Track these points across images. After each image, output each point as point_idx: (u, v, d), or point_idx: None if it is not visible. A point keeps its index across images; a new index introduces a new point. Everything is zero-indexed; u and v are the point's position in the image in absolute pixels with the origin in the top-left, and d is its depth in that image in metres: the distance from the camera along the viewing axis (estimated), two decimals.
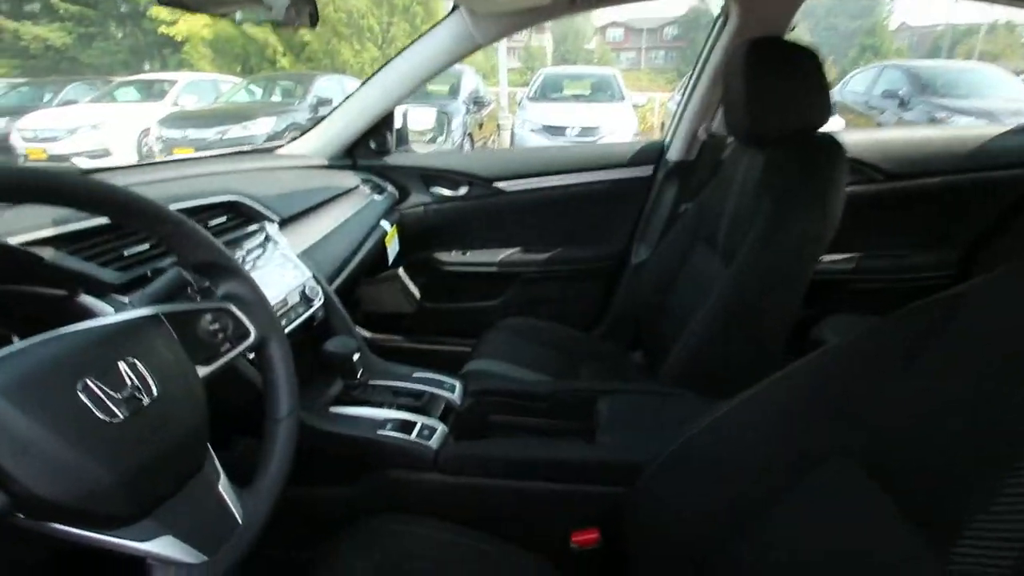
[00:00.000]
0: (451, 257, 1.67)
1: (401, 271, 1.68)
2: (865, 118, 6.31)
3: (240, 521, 0.50)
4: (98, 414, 0.41)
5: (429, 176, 1.60)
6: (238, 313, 0.59)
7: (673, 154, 1.53)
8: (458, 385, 1.01)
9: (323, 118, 1.50)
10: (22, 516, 0.38)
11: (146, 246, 0.75)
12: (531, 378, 1.16)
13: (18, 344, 0.41)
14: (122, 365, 0.44)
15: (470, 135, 6.21)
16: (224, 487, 0.51)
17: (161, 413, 0.46)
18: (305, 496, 0.92)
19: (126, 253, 0.74)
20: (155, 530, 0.44)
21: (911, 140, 1.59)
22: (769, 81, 0.97)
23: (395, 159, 1.58)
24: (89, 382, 0.42)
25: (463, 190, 1.60)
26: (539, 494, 0.82)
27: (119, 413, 0.42)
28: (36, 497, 0.37)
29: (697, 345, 1.03)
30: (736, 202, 1.11)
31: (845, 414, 0.52)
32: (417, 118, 1.65)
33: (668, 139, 1.57)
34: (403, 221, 1.58)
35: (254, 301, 0.61)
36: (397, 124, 1.60)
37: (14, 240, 0.61)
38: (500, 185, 1.58)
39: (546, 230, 1.63)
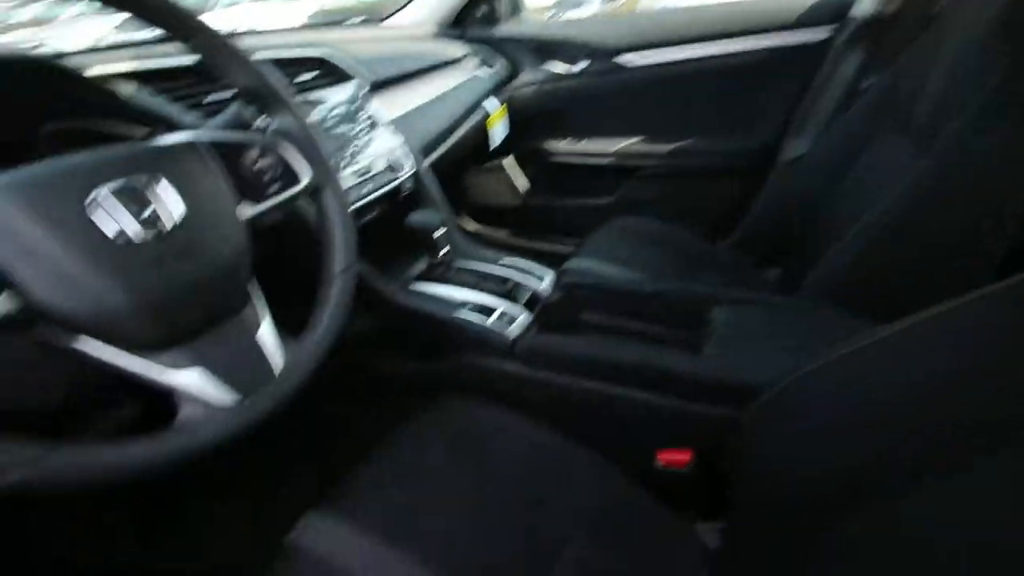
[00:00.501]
0: (563, 146, 1.50)
1: (508, 161, 1.56)
2: None
3: (279, 370, 0.46)
4: (108, 229, 0.37)
5: (544, 49, 1.40)
6: (287, 152, 0.52)
7: (863, 8, 1.14)
8: (549, 276, 0.91)
9: None
10: (50, 325, 0.36)
11: (228, 94, 0.72)
12: (628, 274, 1.01)
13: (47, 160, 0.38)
14: (145, 183, 0.40)
15: None
16: (266, 334, 0.47)
17: (187, 242, 0.41)
18: (383, 367, 0.92)
19: (206, 101, 0.71)
20: (185, 361, 0.41)
21: None
22: None
23: (507, 29, 1.40)
24: (103, 194, 0.37)
25: (581, 65, 1.39)
26: (626, 402, 0.71)
27: (135, 234, 0.38)
28: (49, 306, 0.35)
29: (861, 253, 0.79)
30: (949, 67, 0.78)
31: None
32: None
33: None
34: (512, 102, 1.43)
35: (305, 140, 0.54)
36: None
37: (91, 73, 0.59)
38: (625, 59, 1.34)
39: (676, 115, 1.37)
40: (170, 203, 0.41)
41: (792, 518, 0.47)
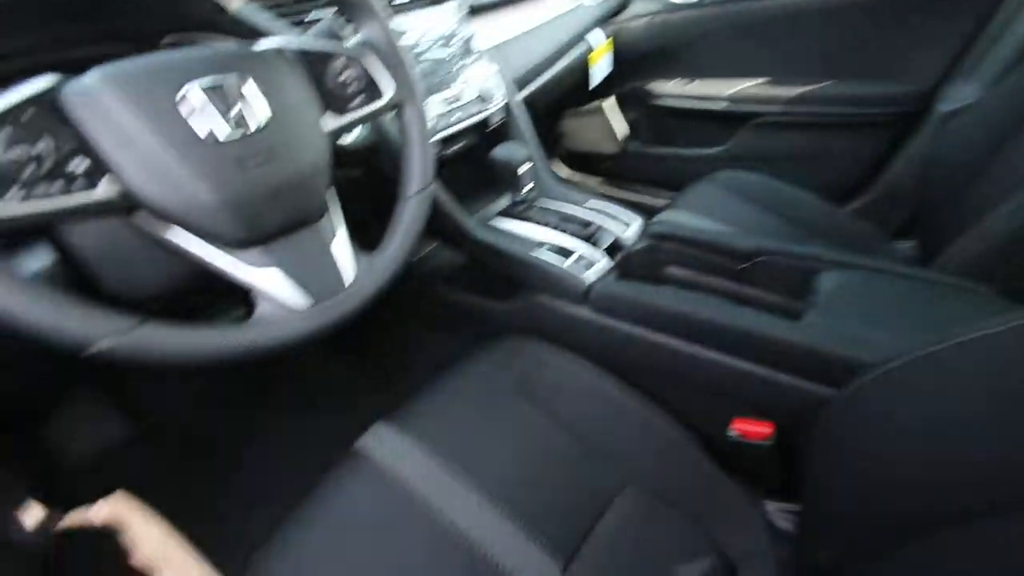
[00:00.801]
0: (670, 87, 1.37)
1: (608, 103, 1.46)
2: None
3: (349, 282, 0.47)
4: (197, 127, 0.39)
5: None
6: (371, 65, 0.51)
7: None
8: (637, 223, 0.85)
9: None
10: (145, 213, 0.39)
11: (330, 12, 0.72)
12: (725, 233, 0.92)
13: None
14: (233, 81, 0.40)
15: None
16: (340, 246, 0.48)
17: (270, 145, 0.42)
18: (458, 300, 0.93)
19: (308, 19, 0.72)
20: (263, 260, 0.43)
21: None
22: None
23: None
24: (193, 90, 0.39)
25: None
26: (705, 363, 0.66)
27: (221, 132, 0.40)
28: (143, 196, 0.37)
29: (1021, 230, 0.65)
30: None
31: None
32: None
33: None
34: (619, 36, 1.32)
35: (391, 55, 0.52)
36: None
37: None
38: None
39: (809, 53, 1.18)
40: (256, 105, 0.42)
41: (875, 521, 0.41)
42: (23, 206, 0.33)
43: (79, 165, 0.35)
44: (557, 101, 1.38)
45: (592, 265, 0.75)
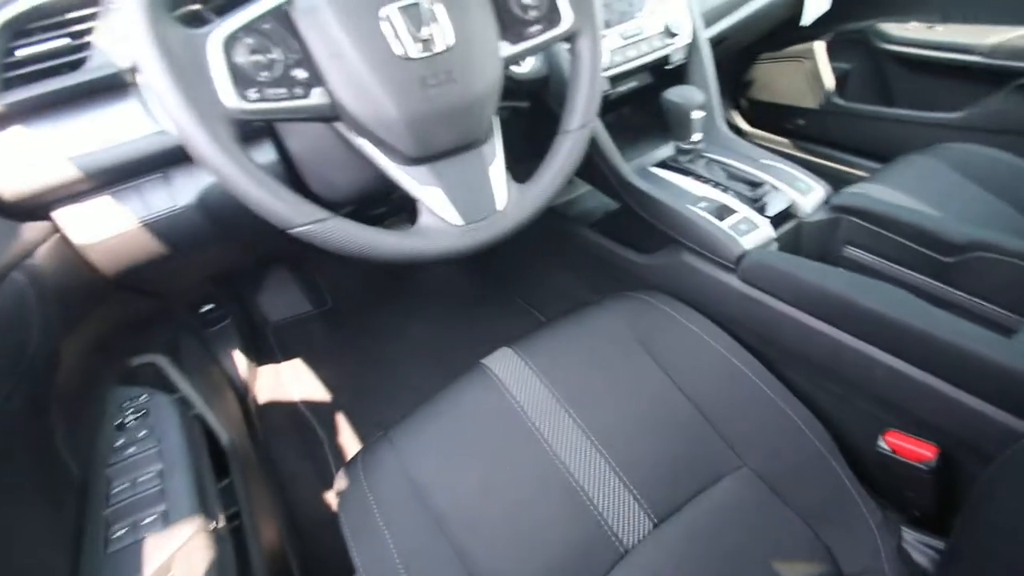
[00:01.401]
0: (907, 31, 1.12)
1: (817, 45, 1.25)
2: None
3: (500, 208, 0.50)
4: (392, 44, 0.42)
5: None
6: None
7: None
8: (819, 189, 0.74)
9: None
10: (344, 125, 0.44)
11: None
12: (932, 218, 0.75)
13: None
14: (424, 4, 0.43)
15: None
16: (497, 171, 0.50)
17: (451, 67, 0.45)
18: (602, 247, 0.92)
19: None
20: (429, 179, 0.47)
21: None
22: None
23: None
24: (392, 11, 0.42)
25: None
26: (869, 363, 0.57)
27: (412, 52, 0.43)
28: (345, 106, 0.43)
29: None
30: None
31: None
32: None
33: None
34: None
35: None
36: None
37: None
38: None
39: None
40: (444, 28, 0.44)
41: None
42: (259, 104, 0.40)
43: (300, 74, 0.41)
44: (753, 43, 1.22)
45: (752, 230, 0.68)
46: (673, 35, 0.80)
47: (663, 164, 0.82)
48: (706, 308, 0.70)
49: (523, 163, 0.60)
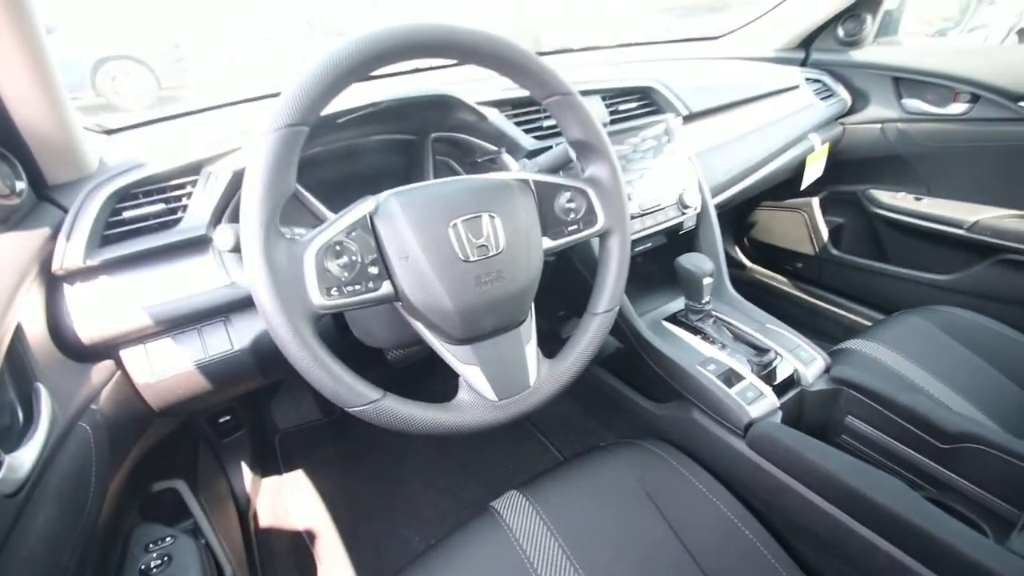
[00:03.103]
0: (894, 198, 1.23)
1: (815, 202, 1.37)
2: None
3: (533, 382, 0.54)
4: (457, 250, 0.49)
5: (905, 81, 1.16)
6: (594, 198, 0.58)
7: None
8: (820, 360, 0.79)
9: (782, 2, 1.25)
10: (401, 305, 0.51)
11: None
12: (937, 395, 0.80)
13: (430, 181, 0.52)
14: (485, 217, 0.51)
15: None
16: (530, 350, 0.56)
17: (501, 266, 0.51)
18: (613, 388, 0.96)
19: (544, 125, 0.83)
20: (471, 358, 0.52)
21: None
22: None
23: (864, 54, 1.20)
24: (459, 223, 0.49)
25: (957, 107, 1.10)
26: (864, 546, 0.59)
27: (471, 255, 0.50)
28: (407, 296, 0.49)
29: None
30: None
31: None
32: None
33: None
34: (845, 138, 1.24)
35: (612, 190, 0.59)
36: (891, 3, 1.18)
37: (474, 99, 0.75)
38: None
39: None
40: (499, 234, 0.51)
41: None
42: (338, 300, 0.46)
43: (373, 270, 0.48)
44: (756, 197, 1.34)
45: (758, 398, 0.73)
46: (686, 207, 0.89)
47: (674, 319, 0.88)
48: (714, 466, 0.72)
49: (546, 325, 0.65)
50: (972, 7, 1.37)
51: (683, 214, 0.89)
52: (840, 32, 1.20)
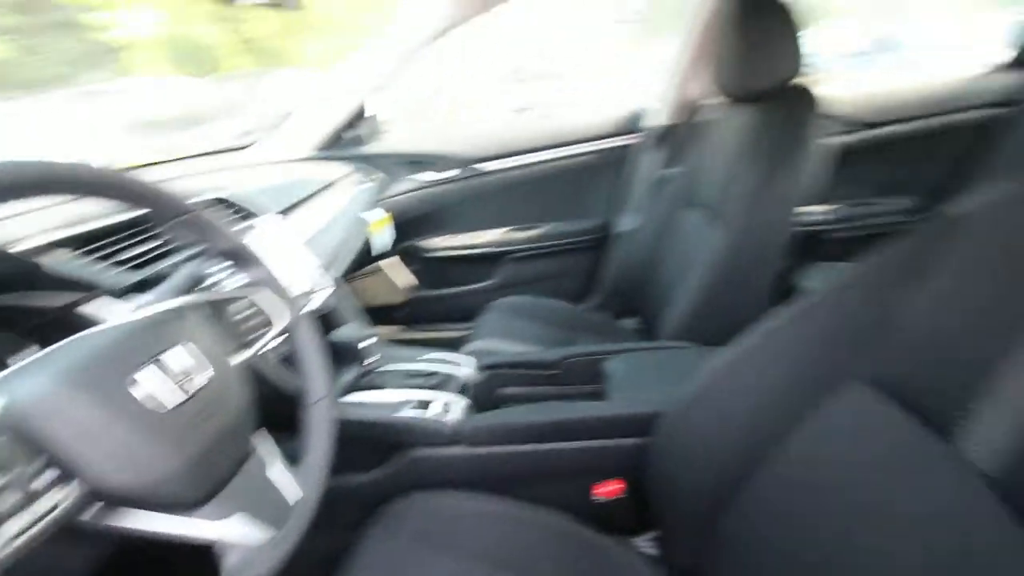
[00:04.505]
0: (440, 242, 1.68)
1: (385, 262, 1.69)
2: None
3: (294, 501, 0.52)
4: (151, 402, 0.42)
5: (416, 161, 1.60)
6: (261, 301, 0.60)
7: (654, 120, 1.56)
8: (468, 361, 1.04)
9: (294, 112, 1.48)
10: (100, 505, 0.39)
11: (149, 246, 0.74)
12: (534, 351, 1.19)
13: (48, 348, 0.41)
14: (170, 354, 0.45)
15: None
16: (279, 468, 0.52)
17: (208, 399, 0.46)
18: (331, 486, 0.93)
19: (126, 256, 0.73)
20: (225, 509, 0.45)
21: (882, 89, 1.66)
22: (760, 34, 1.02)
23: (379, 147, 1.57)
24: (139, 371, 0.42)
25: (449, 173, 1.61)
26: (560, 454, 0.84)
27: (170, 400, 0.43)
28: (110, 487, 0.38)
29: (695, 301, 1.07)
30: (724, 161, 1.14)
31: (852, 339, 0.56)
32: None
33: (649, 106, 1.61)
34: (390, 210, 1.58)
35: (274, 286, 0.61)
36: (372, 111, 1.59)
37: (22, 246, 0.60)
38: (484, 165, 1.60)
39: (532, 207, 1.66)
40: (192, 367, 0.46)
41: (711, 487, 0.65)
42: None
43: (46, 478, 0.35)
44: (347, 272, 1.53)
45: (452, 407, 0.90)
46: (319, 290, 0.97)
47: (353, 389, 0.95)
48: (449, 482, 0.84)
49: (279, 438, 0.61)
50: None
51: (319, 297, 0.97)
52: (351, 134, 1.53)
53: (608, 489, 0.83)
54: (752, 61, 1.03)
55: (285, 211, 1.09)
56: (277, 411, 0.68)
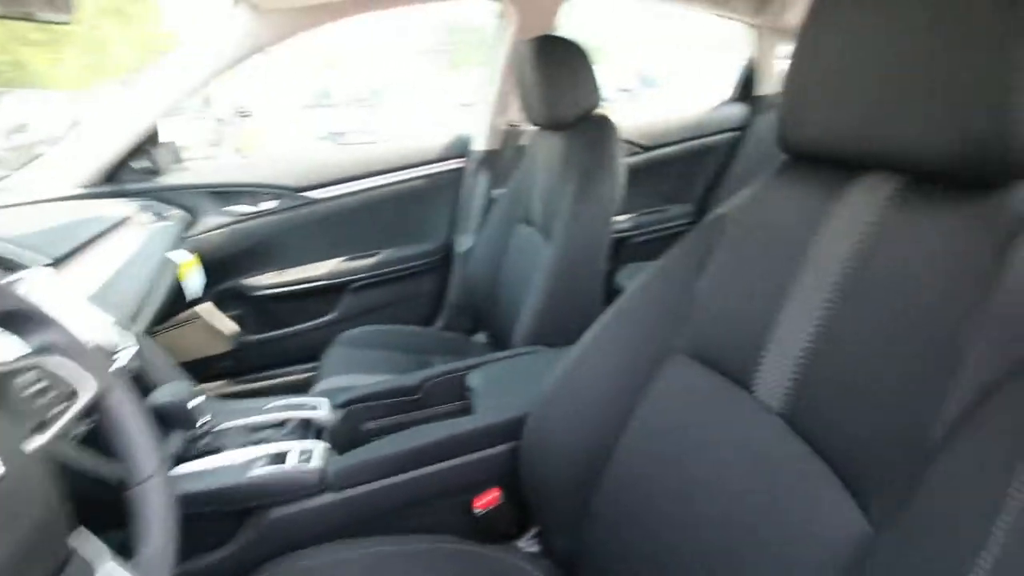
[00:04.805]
0: (266, 280, 1.52)
1: (202, 308, 1.48)
2: None
3: None
4: None
5: (223, 193, 1.43)
6: (59, 367, 0.48)
7: (479, 145, 1.65)
8: (322, 402, 0.96)
9: (62, 139, 1.22)
10: None
11: None
12: (391, 379, 1.15)
13: None
14: None
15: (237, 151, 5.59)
16: (110, 568, 0.43)
17: (3, 502, 0.36)
18: (183, 572, 0.78)
19: None
20: None
21: (650, 118, 2.00)
22: (558, 71, 1.14)
23: (175, 179, 1.37)
24: None
25: (267, 204, 1.47)
26: (437, 476, 0.83)
27: None
28: None
29: (538, 309, 1.16)
30: (545, 182, 1.26)
31: (669, 321, 0.67)
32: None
33: (472, 131, 1.68)
34: (200, 249, 1.39)
35: (75, 350, 0.50)
36: (166, 138, 1.39)
37: None
38: (310, 194, 1.50)
39: (367, 234, 1.61)
40: None
41: (579, 476, 0.70)
42: None
43: None
44: (156, 321, 1.30)
45: (313, 453, 0.82)
46: (118, 350, 0.81)
47: (185, 458, 0.81)
48: (320, 535, 0.77)
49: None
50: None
51: (122, 358, 0.80)
52: (139, 164, 1.31)
53: (487, 500, 0.85)
54: (556, 96, 1.17)
55: (59, 260, 0.89)
56: (99, 499, 0.56)
